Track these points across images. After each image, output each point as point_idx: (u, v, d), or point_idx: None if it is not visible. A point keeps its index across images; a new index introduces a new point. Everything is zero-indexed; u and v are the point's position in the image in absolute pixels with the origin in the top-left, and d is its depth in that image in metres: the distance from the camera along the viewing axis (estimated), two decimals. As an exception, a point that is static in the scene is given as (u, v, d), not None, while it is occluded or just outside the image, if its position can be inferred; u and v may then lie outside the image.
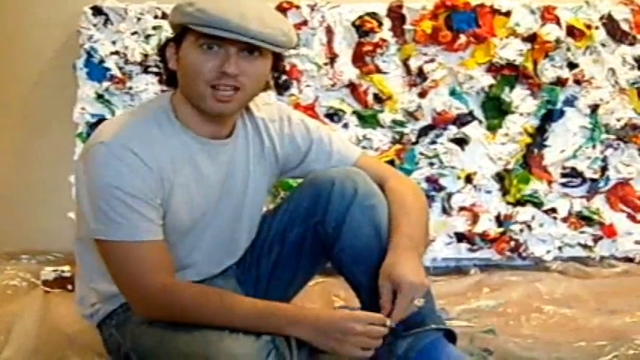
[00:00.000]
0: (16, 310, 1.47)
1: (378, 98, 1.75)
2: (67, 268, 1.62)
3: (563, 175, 1.79)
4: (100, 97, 1.70)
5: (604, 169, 1.79)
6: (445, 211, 1.77)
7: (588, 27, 1.75)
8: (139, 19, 1.71)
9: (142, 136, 1.05)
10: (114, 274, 1.07)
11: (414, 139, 1.76)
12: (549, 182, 1.79)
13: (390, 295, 1.04)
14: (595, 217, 1.79)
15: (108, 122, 1.12)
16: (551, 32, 1.73)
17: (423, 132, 1.76)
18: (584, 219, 1.79)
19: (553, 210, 1.78)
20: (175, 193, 1.07)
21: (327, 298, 1.56)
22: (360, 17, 1.73)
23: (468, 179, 1.77)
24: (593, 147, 1.78)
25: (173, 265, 1.09)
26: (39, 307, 1.50)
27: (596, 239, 1.79)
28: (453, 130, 1.76)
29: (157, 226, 1.06)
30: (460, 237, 1.77)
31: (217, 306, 1.03)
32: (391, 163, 1.74)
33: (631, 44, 1.76)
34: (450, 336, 1.13)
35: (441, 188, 1.77)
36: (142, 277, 1.04)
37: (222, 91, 1.03)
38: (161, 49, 1.10)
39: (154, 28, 1.71)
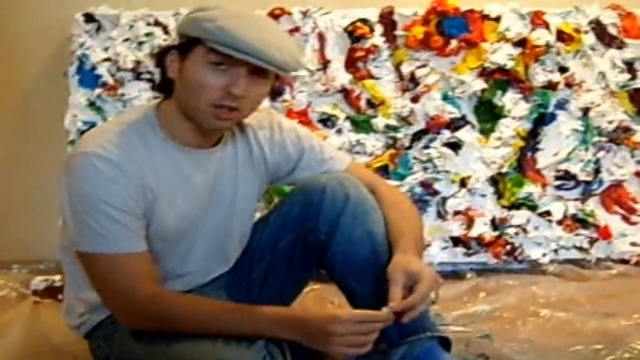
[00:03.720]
0: (5, 320, 1.45)
1: (371, 103, 1.76)
2: (57, 277, 1.59)
3: (557, 178, 1.80)
4: (91, 104, 1.70)
5: (597, 171, 1.80)
6: (440, 215, 1.77)
7: (577, 31, 1.77)
8: (131, 26, 1.71)
9: (125, 147, 1.03)
10: (98, 286, 1.05)
11: (407, 144, 1.76)
12: (543, 185, 1.79)
13: (402, 285, 1.01)
14: (590, 219, 1.79)
15: (90, 132, 1.10)
16: (541, 37, 1.75)
17: (417, 137, 1.77)
18: (579, 221, 1.79)
19: (548, 213, 1.78)
20: (159, 203, 1.06)
21: (321, 304, 1.55)
22: (352, 23, 1.75)
23: (463, 183, 1.77)
24: (586, 150, 1.80)
25: (159, 275, 1.07)
26: (28, 318, 1.48)
27: (592, 241, 1.79)
28: (446, 135, 1.76)
29: (140, 237, 1.05)
30: (456, 241, 1.77)
31: (205, 313, 1.01)
32: (385, 168, 1.75)
33: (619, 48, 1.79)
34: (445, 343, 1.12)
35: (436, 193, 1.77)
36: (128, 289, 1.02)
37: (223, 111, 1.03)
38: (160, 55, 1.08)
39: (146, 35, 1.71)
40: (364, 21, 1.75)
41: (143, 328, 1.05)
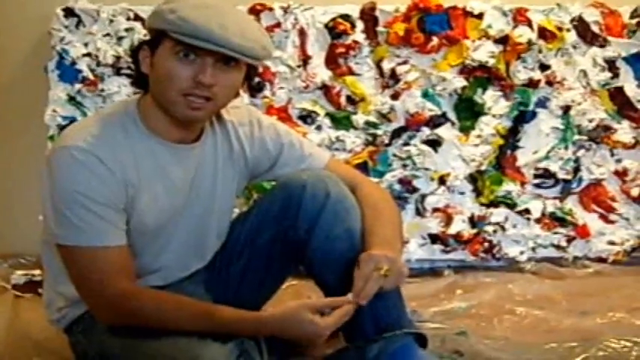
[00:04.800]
0: (-15, 315, 1.46)
1: (351, 100, 1.76)
2: (38, 272, 1.60)
3: (536, 176, 1.80)
4: (71, 99, 1.69)
5: (576, 169, 1.80)
6: (419, 212, 1.77)
7: (559, 29, 1.76)
8: (111, 20, 1.70)
9: (107, 140, 1.04)
10: (75, 279, 1.07)
11: (387, 141, 1.76)
12: (522, 183, 1.80)
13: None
14: (568, 217, 1.80)
15: (73, 126, 1.11)
16: (523, 34, 1.74)
17: (396, 134, 1.77)
18: (558, 220, 1.80)
19: (526, 211, 1.78)
20: (140, 197, 1.07)
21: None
22: (333, 19, 1.74)
23: (442, 181, 1.77)
24: (566, 148, 1.80)
25: (134, 270, 1.08)
26: (8, 312, 1.48)
27: (570, 240, 1.80)
28: (426, 132, 1.76)
29: (120, 230, 1.06)
30: (434, 238, 1.78)
31: (176, 314, 1.03)
32: (364, 164, 1.75)
33: (601, 46, 1.78)
34: (421, 340, 1.14)
35: (415, 190, 1.77)
36: (102, 283, 1.03)
37: (194, 99, 1.03)
38: (134, 51, 1.09)
39: (127, 30, 1.70)
40: (345, 17, 1.74)
41: (114, 324, 1.06)
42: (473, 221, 1.78)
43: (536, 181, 1.80)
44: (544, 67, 1.77)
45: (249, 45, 1.01)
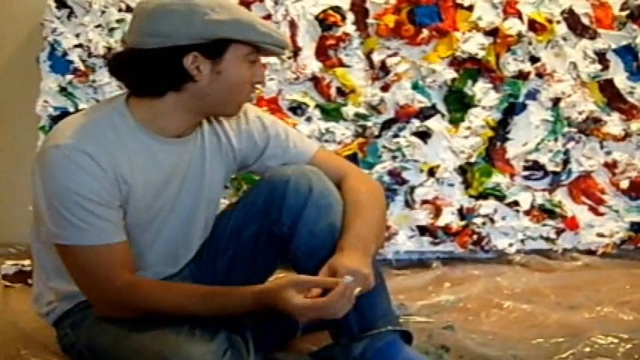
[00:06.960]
0: (-27, 305, 1.46)
1: (341, 92, 1.76)
2: (27, 262, 1.59)
3: (526, 168, 1.80)
4: (63, 90, 1.70)
5: (566, 162, 1.80)
6: (408, 204, 1.77)
7: (550, 21, 1.76)
8: (103, 12, 1.70)
9: (98, 138, 1.04)
10: (77, 276, 1.07)
11: (376, 133, 1.76)
12: (512, 175, 1.80)
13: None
14: (557, 209, 1.80)
15: (62, 124, 1.10)
16: (513, 26, 1.74)
17: (386, 125, 1.77)
18: (547, 212, 1.80)
19: (515, 203, 1.79)
20: (133, 192, 1.08)
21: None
22: (324, 11, 1.74)
23: (431, 172, 1.77)
24: (555, 140, 1.79)
25: (133, 262, 1.10)
26: (-3, 302, 1.49)
27: (559, 232, 1.80)
28: (415, 124, 1.76)
29: (118, 227, 1.07)
30: (423, 230, 1.78)
31: (182, 300, 1.04)
32: (354, 156, 1.75)
33: (592, 38, 1.78)
34: (407, 336, 1.14)
35: (404, 182, 1.77)
36: (108, 279, 1.04)
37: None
38: (172, 59, 1.03)
39: (118, 21, 1.70)
40: (336, 9, 1.74)
41: (122, 316, 1.07)
42: (462, 213, 1.78)
43: (526, 173, 1.80)
44: (534, 59, 1.77)
45: (288, 41, 1.11)
